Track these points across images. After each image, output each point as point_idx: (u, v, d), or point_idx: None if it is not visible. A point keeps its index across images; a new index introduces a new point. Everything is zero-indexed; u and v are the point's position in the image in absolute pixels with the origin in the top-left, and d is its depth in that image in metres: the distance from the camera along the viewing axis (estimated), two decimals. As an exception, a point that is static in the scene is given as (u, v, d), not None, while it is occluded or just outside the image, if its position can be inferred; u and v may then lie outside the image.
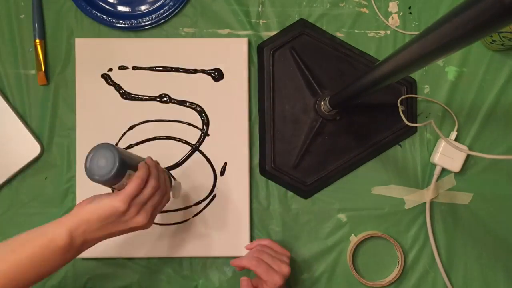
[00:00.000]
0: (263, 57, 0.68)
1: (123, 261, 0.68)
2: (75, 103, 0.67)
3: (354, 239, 0.68)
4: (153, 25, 0.68)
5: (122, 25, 0.68)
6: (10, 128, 0.67)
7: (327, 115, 0.67)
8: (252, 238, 0.68)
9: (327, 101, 0.64)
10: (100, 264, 0.68)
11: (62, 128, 0.68)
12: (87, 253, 0.66)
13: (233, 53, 0.68)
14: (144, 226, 0.52)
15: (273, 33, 0.69)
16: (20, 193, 0.68)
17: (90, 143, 0.66)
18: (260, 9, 0.70)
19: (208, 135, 0.67)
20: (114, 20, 0.68)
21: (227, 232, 0.67)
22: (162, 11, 0.68)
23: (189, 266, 0.68)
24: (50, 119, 0.68)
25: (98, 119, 0.67)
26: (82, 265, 0.68)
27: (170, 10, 0.68)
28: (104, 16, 0.67)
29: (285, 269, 0.57)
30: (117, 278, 0.68)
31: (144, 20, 0.68)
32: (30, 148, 0.67)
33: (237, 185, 0.67)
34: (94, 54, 0.67)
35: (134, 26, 0.68)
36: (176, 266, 0.68)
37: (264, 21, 0.70)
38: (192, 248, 0.67)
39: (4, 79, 0.68)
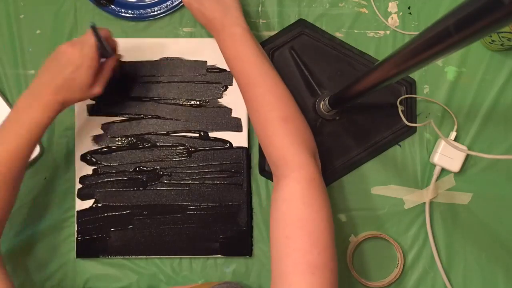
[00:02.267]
0: (263, 57, 0.68)
1: (122, 262, 0.68)
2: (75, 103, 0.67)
3: (353, 240, 0.68)
4: (158, 16, 0.68)
5: (125, 14, 0.68)
6: (10, 128, 0.67)
7: (326, 115, 0.67)
8: (252, 238, 0.68)
9: (327, 101, 0.64)
10: (100, 265, 0.68)
11: (62, 128, 0.68)
12: (87, 253, 0.67)
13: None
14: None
15: (273, 33, 0.69)
16: (19, 193, 0.68)
17: (89, 143, 0.67)
18: (260, 9, 0.70)
19: (207, 135, 0.67)
20: (117, 8, 0.68)
21: (227, 231, 0.67)
22: (168, 2, 0.68)
23: (189, 266, 0.68)
24: (49, 119, 0.68)
25: (98, 119, 0.67)
26: (82, 265, 0.68)
27: (176, 2, 0.68)
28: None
29: None
30: (117, 278, 0.68)
31: (147, 12, 0.68)
32: (29, 148, 0.67)
33: (236, 185, 0.67)
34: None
35: (138, 16, 0.68)
36: (176, 266, 0.68)
37: (264, 21, 0.70)
38: (192, 248, 0.67)
39: (3, 79, 0.68)
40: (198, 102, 0.68)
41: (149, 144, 0.67)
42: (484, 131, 0.69)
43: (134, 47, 0.68)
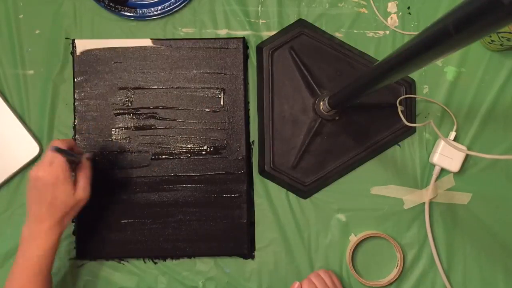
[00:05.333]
0: (262, 57, 0.68)
1: (122, 264, 0.68)
2: (74, 103, 0.67)
3: (353, 239, 0.68)
4: (157, 16, 0.68)
5: (126, 13, 0.68)
6: (9, 129, 0.67)
7: (326, 115, 0.67)
8: (252, 239, 0.68)
9: (326, 101, 0.64)
10: (99, 266, 0.67)
11: (61, 128, 0.68)
12: (86, 255, 0.67)
13: (230, 52, 0.68)
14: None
15: (273, 33, 0.69)
16: (18, 193, 0.68)
17: (89, 143, 0.67)
18: (259, 9, 0.70)
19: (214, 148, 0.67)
20: (118, 6, 0.68)
21: (227, 232, 0.67)
22: (167, 3, 0.68)
23: (189, 267, 0.68)
24: (48, 119, 0.68)
25: (98, 119, 0.67)
26: (81, 267, 0.67)
27: (177, 4, 0.68)
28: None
29: None
30: (116, 280, 0.68)
31: (149, 11, 0.68)
32: (29, 148, 0.67)
33: (236, 185, 0.67)
34: (94, 54, 0.67)
35: (138, 16, 0.68)
36: (176, 267, 0.68)
37: (264, 21, 0.69)
38: (192, 248, 0.67)
39: (2, 79, 0.68)
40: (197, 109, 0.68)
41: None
42: (484, 131, 0.69)
43: (130, 51, 0.67)
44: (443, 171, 0.69)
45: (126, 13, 0.68)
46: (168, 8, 0.68)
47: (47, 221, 0.55)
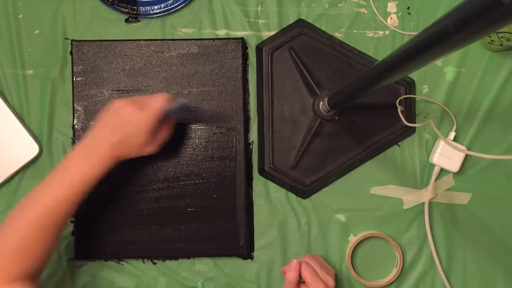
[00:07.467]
0: (262, 57, 0.68)
1: (121, 263, 0.68)
2: (73, 103, 0.67)
3: (353, 239, 0.68)
4: (157, 15, 0.68)
5: (124, 10, 0.68)
6: (9, 129, 0.67)
7: (325, 115, 0.67)
8: (251, 239, 0.68)
9: (326, 101, 0.64)
10: (98, 267, 0.67)
11: (61, 128, 0.68)
12: (85, 256, 0.67)
13: (229, 53, 0.68)
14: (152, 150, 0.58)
15: (272, 33, 0.69)
16: (18, 194, 0.68)
17: (88, 144, 0.67)
18: (259, 9, 0.70)
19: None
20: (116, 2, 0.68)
21: (226, 232, 0.67)
22: (168, 2, 0.68)
23: (188, 267, 0.68)
24: (48, 119, 0.68)
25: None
26: (80, 268, 0.67)
27: (176, 4, 0.68)
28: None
29: (331, 282, 0.58)
30: (115, 280, 0.67)
31: (152, 9, 0.68)
32: (28, 149, 0.67)
33: (236, 185, 0.67)
34: (92, 55, 0.67)
35: (141, 13, 0.68)
36: (175, 267, 0.68)
37: (263, 21, 0.69)
38: (191, 249, 0.67)
39: (2, 79, 0.68)
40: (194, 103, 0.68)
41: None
42: (483, 131, 0.69)
43: (131, 49, 0.67)
44: (442, 171, 0.69)
45: (121, 9, 0.68)
46: (167, 8, 0.68)
47: (108, 151, 0.54)
